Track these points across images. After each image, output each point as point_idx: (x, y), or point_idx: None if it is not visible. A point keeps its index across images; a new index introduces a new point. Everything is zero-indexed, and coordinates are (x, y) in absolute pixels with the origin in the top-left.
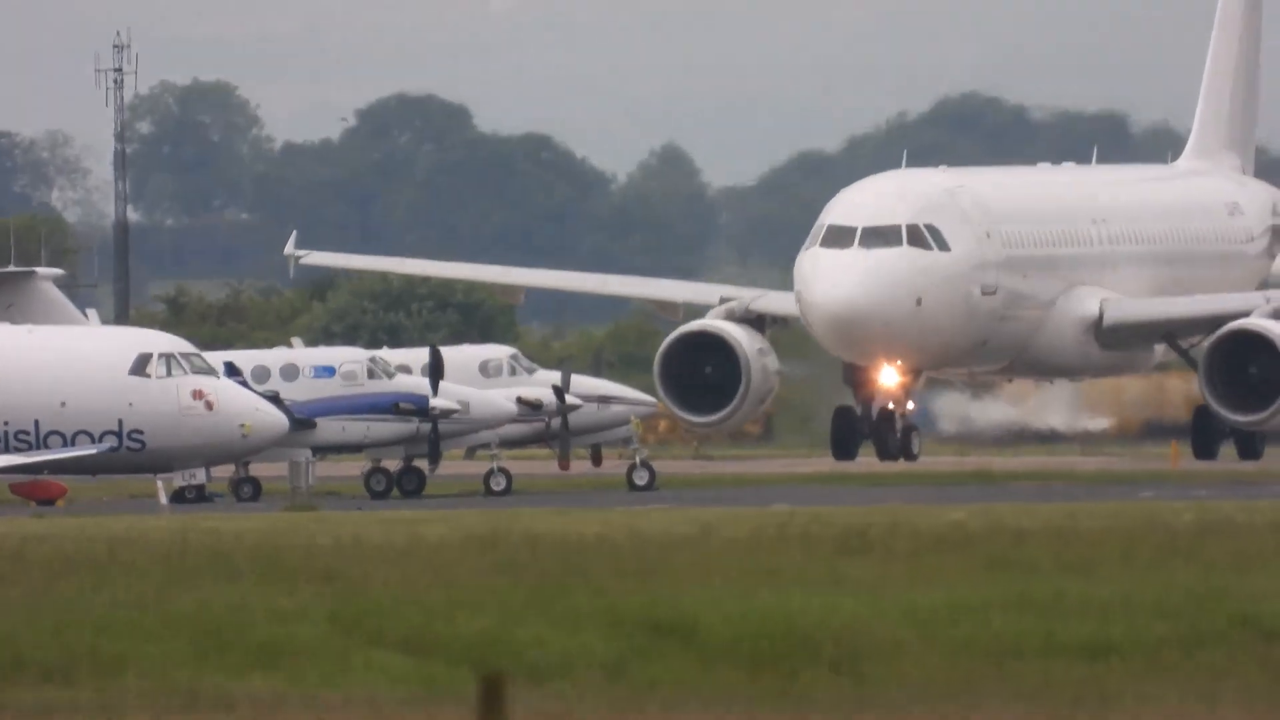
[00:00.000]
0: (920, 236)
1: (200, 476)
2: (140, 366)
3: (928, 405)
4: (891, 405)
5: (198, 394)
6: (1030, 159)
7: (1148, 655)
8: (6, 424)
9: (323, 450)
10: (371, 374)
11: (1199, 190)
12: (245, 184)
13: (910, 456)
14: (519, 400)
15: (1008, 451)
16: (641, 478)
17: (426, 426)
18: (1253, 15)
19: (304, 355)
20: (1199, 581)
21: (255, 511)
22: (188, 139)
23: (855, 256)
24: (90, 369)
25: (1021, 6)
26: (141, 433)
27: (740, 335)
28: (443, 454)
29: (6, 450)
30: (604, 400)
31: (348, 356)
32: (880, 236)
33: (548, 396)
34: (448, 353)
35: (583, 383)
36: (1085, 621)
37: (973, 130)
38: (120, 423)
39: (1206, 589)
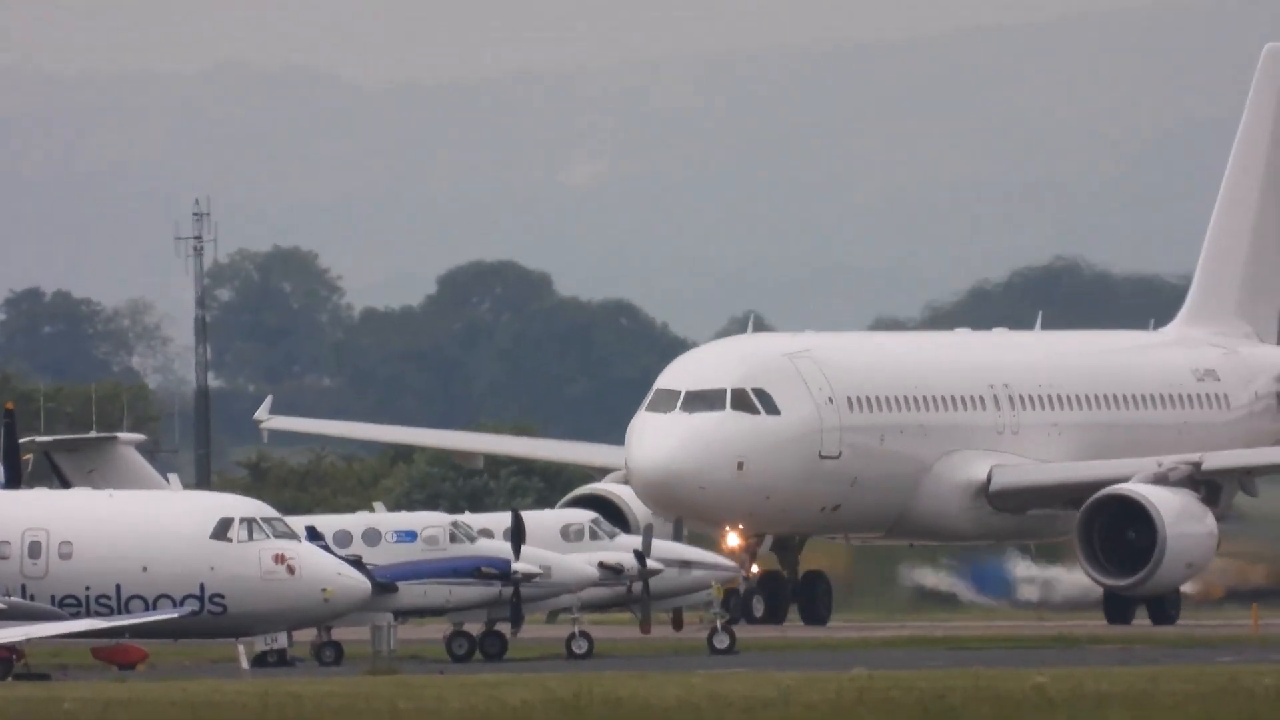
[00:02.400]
0: (746, 401)
1: (282, 640)
2: (222, 531)
3: (1004, 570)
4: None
5: (279, 558)
6: (1108, 325)
7: None
8: (88, 588)
9: (405, 614)
10: (454, 538)
11: (1158, 358)
12: (325, 351)
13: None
14: (600, 564)
15: (1088, 616)
16: (722, 641)
17: (509, 590)
18: (1270, 184)
19: (386, 520)
20: None
21: (337, 675)
22: (268, 306)
23: (676, 420)
24: (172, 533)
25: (1099, 175)
26: (223, 597)
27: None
28: (525, 617)
29: (88, 614)
30: (685, 565)
31: (430, 521)
32: (703, 400)
33: (629, 561)
34: (529, 517)
35: (663, 547)
36: None
37: (1050, 298)
38: (202, 587)
39: None
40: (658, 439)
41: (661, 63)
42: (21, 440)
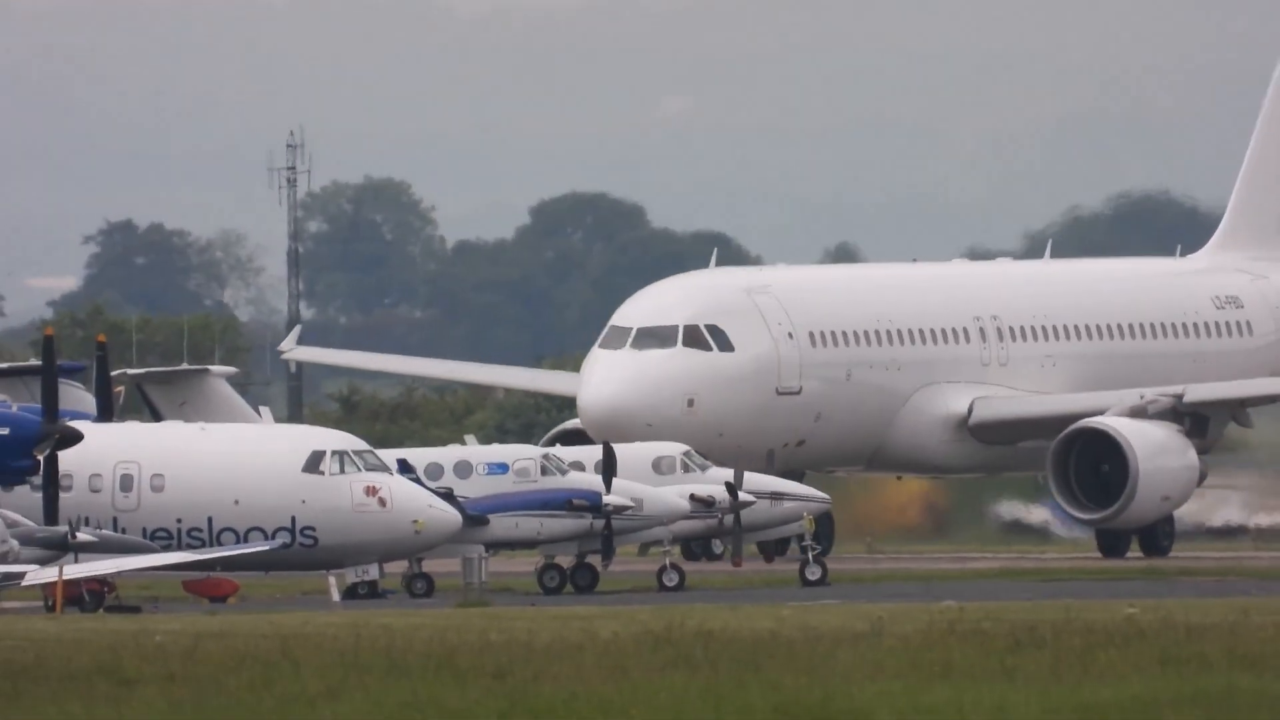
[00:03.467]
0: (698, 337)
1: (373, 573)
2: (314, 464)
3: None
4: None
5: (371, 491)
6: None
7: None
8: (180, 521)
9: (496, 546)
10: (545, 471)
11: (1174, 285)
12: (418, 283)
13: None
14: (692, 497)
15: (1180, 547)
16: (814, 573)
17: (600, 523)
18: None
19: (477, 452)
20: None
21: (428, 608)
22: (361, 237)
23: (626, 357)
24: (263, 466)
25: (1193, 104)
26: (314, 529)
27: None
28: (616, 550)
29: (180, 547)
30: (776, 497)
31: (521, 453)
32: (654, 337)
33: (720, 493)
34: (621, 450)
35: (755, 479)
36: (1259, 716)
37: (1147, 227)
38: (293, 519)
39: None
40: (606, 376)
41: None
42: (114, 372)
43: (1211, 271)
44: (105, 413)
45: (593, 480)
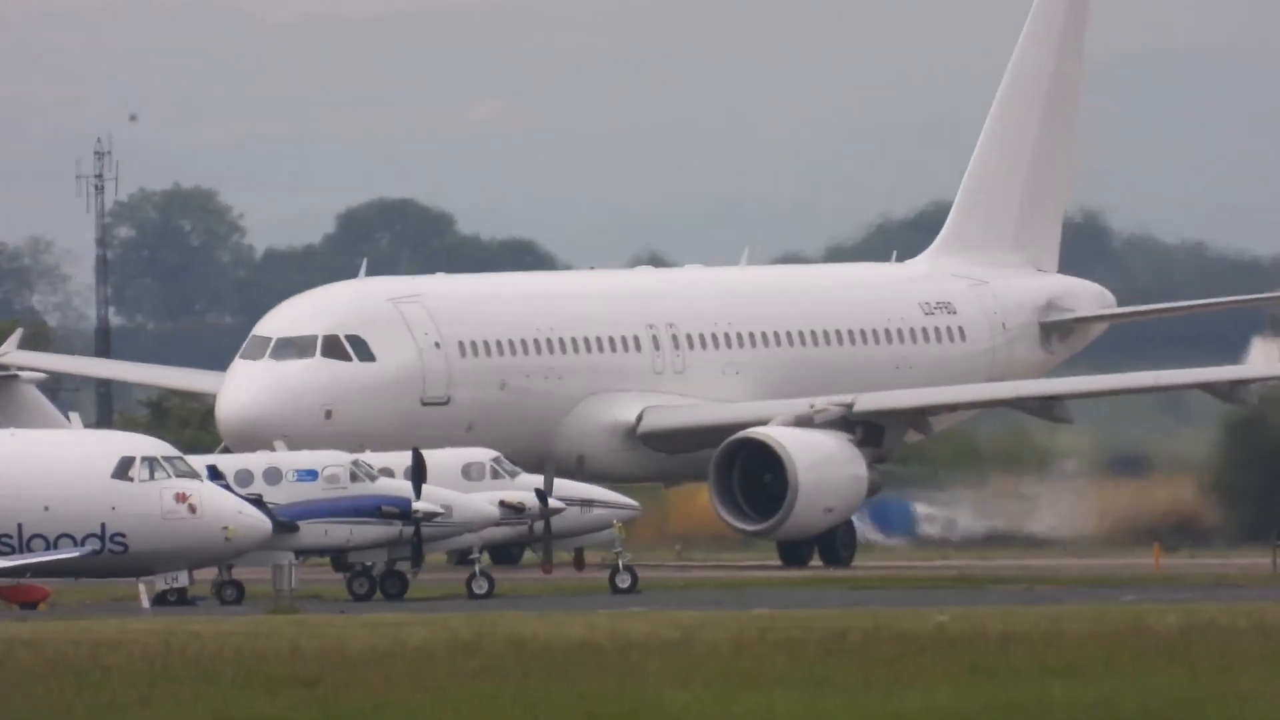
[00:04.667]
0: (338, 347)
1: (183, 579)
2: (123, 470)
3: (909, 508)
4: None
5: (181, 497)
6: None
7: None
8: None
9: (306, 553)
10: (354, 477)
11: (879, 291)
12: (226, 289)
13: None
14: (502, 503)
15: (990, 555)
16: (624, 581)
17: (409, 529)
18: (1057, 99)
19: (287, 459)
20: (1183, 685)
21: (238, 615)
22: (169, 245)
23: (263, 368)
24: (73, 472)
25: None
26: (124, 536)
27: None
28: (425, 557)
29: None
30: (586, 503)
31: (330, 460)
32: (293, 347)
33: (530, 500)
34: (430, 456)
35: (565, 486)
36: None
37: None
38: (103, 526)
39: (1191, 692)
40: (243, 386)
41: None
42: None
43: (925, 278)
44: None
45: (402, 486)
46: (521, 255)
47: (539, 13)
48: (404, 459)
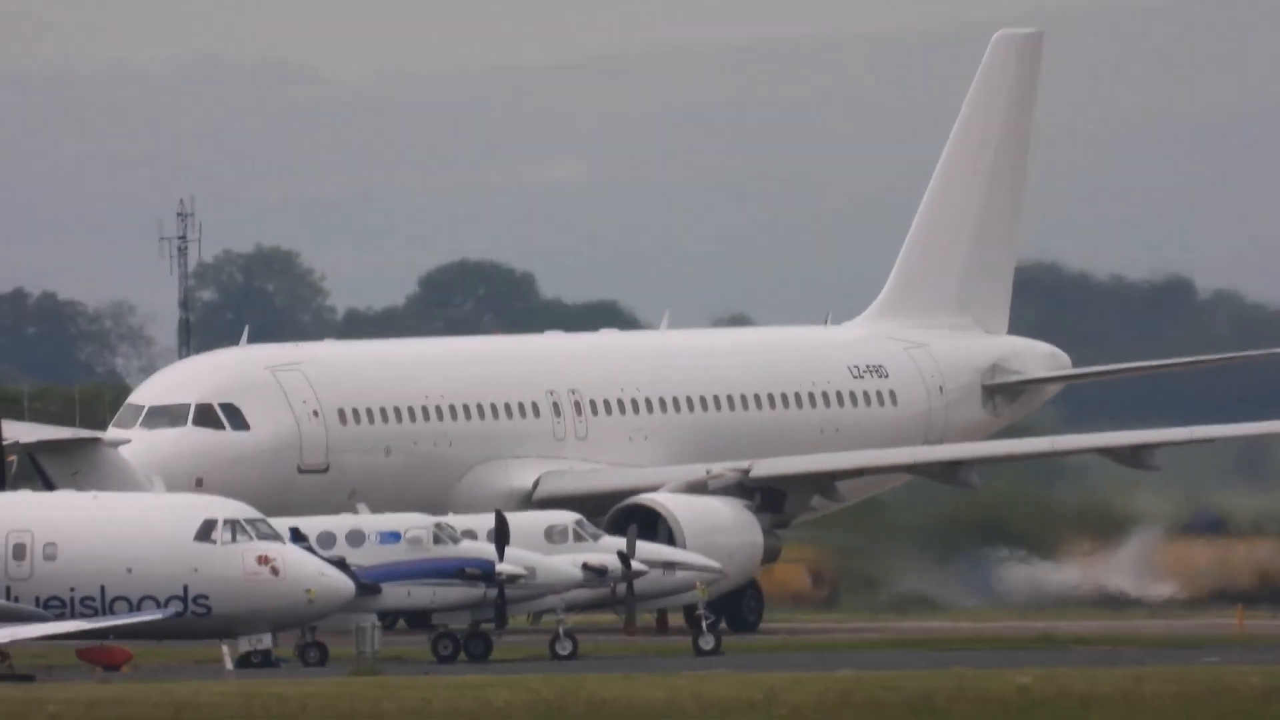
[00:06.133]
0: (211, 416)
1: (266, 641)
2: (206, 532)
3: (991, 569)
4: None
5: (263, 559)
6: (1092, 325)
7: None
8: (73, 590)
9: (389, 615)
10: (437, 539)
11: (804, 355)
12: None
13: None
14: (584, 566)
15: (1073, 616)
16: (707, 643)
17: (493, 591)
18: (1004, 160)
19: (370, 521)
20: None
21: (321, 677)
22: (253, 306)
23: (134, 436)
24: (156, 535)
25: (1076, 174)
26: (207, 598)
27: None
28: (509, 619)
29: (73, 615)
30: (669, 566)
31: (413, 522)
32: (166, 416)
33: (613, 562)
34: (513, 518)
35: (647, 548)
36: None
37: (1029, 295)
38: (185, 588)
39: None
40: None
41: (640, 58)
42: (5, 442)
43: (858, 340)
44: None
45: (485, 549)
46: (605, 317)
47: (612, 73)
48: (487, 521)
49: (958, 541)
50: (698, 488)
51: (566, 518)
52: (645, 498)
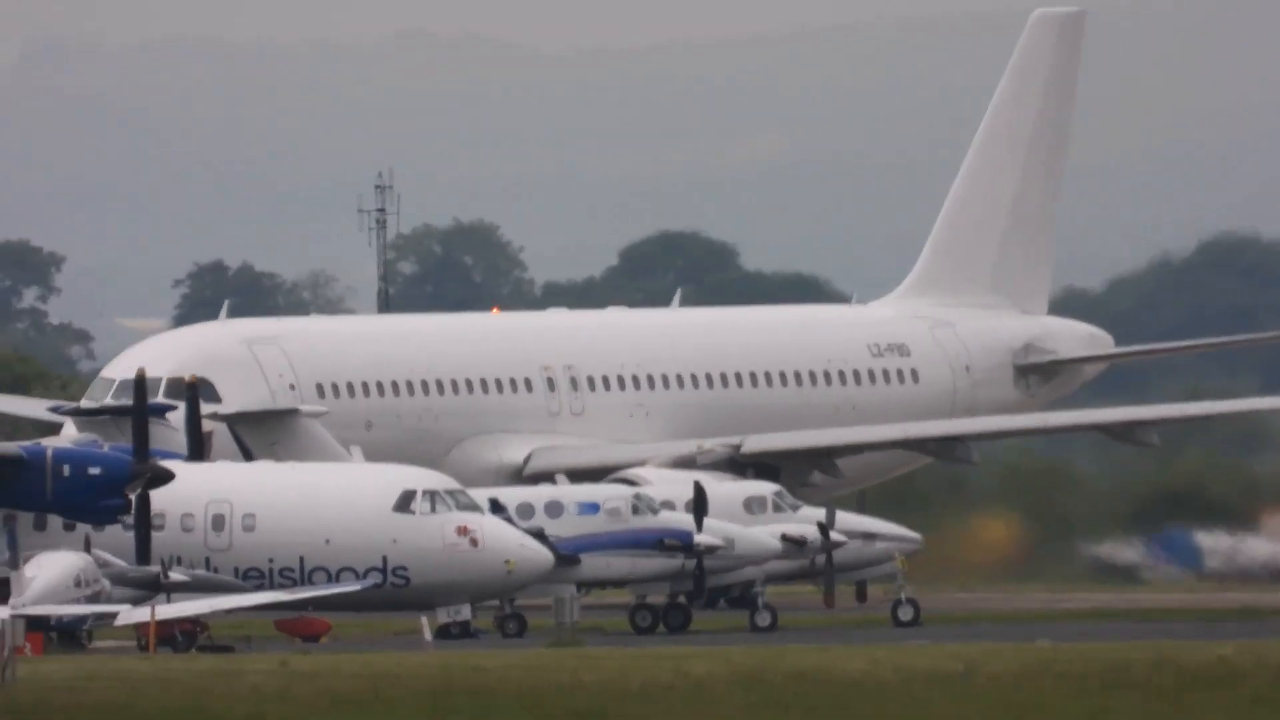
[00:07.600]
0: (182, 390)
1: (465, 613)
2: (405, 503)
3: (1192, 541)
4: None
5: (462, 530)
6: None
7: None
8: (271, 561)
9: (588, 586)
10: (636, 510)
11: (824, 334)
12: None
13: None
14: (783, 537)
15: (1275, 588)
16: (906, 614)
17: (691, 563)
18: (1031, 153)
19: (569, 492)
20: None
21: (520, 648)
22: (451, 279)
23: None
24: (355, 506)
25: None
26: (406, 569)
27: None
28: (708, 590)
29: (271, 586)
30: (868, 537)
31: (612, 493)
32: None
33: (812, 533)
34: (712, 489)
35: (847, 519)
36: None
37: (1230, 269)
38: (385, 559)
39: None
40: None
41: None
42: (205, 413)
43: (882, 320)
44: (197, 454)
45: (684, 520)
46: (804, 290)
47: (815, 46)
48: (685, 492)
49: (1154, 511)
50: (686, 462)
51: (765, 488)
52: (628, 473)
